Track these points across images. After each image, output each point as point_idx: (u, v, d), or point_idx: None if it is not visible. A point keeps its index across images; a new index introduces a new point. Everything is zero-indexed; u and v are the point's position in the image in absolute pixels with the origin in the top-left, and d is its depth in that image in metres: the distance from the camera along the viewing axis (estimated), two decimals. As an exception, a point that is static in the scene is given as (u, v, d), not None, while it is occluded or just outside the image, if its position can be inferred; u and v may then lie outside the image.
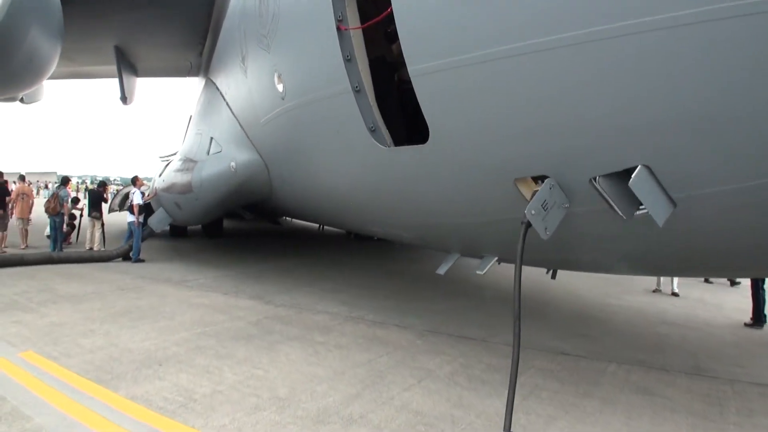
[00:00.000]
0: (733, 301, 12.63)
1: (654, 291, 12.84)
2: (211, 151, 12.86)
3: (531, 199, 5.04)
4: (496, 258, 7.11)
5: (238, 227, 25.81)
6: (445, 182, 6.23)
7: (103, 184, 17.70)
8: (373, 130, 6.45)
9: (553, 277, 9.22)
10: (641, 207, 4.57)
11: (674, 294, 12.74)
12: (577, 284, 12.88)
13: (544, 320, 9.77)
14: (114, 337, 7.42)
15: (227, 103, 12.47)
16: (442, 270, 8.03)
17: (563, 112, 4.49)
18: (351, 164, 7.71)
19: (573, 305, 11.32)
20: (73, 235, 17.86)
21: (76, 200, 18.14)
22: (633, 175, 4.21)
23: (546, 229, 4.85)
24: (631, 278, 13.80)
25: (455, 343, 8.11)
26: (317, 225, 23.11)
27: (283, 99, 8.34)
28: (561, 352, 7.90)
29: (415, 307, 10.32)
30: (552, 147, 4.79)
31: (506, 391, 5.18)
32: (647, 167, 4.22)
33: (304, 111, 7.90)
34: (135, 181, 15.70)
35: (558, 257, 6.68)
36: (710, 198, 4.26)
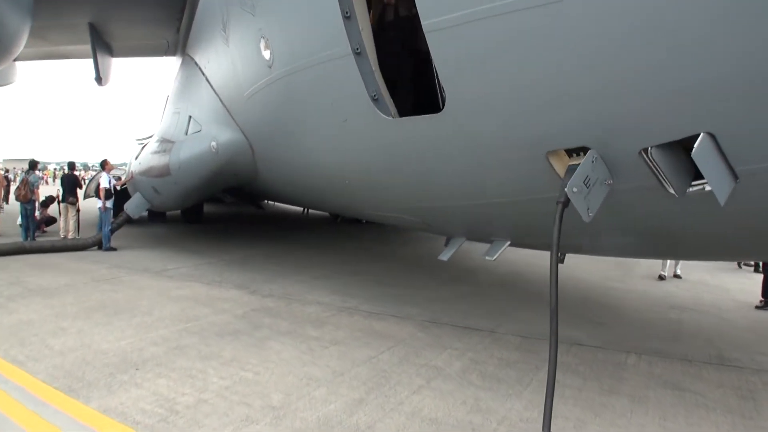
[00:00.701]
0: (735, 282, 12.25)
1: (660, 278, 12.25)
2: (190, 131, 12.02)
3: (565, 175, 4.38)
4: (508, 242, 6.48)
5: (218, 212, 24.98)
6: (462, 158, 5.51)
7: (72, 166, 16.56)
8: (375, 99, 5.73)
9: (562, 261, 8.64)
10: (695, 183, 3.94)
11: (676, 276, 12.25)
12: (574, 266, 12.28)
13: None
14: (87, 336, 6.69)
15: (207, 79, 11.62)
16: (445, 256, 7.43)
17: (611, 71, 3.80)
18: (348, 140, 6.96)
19: (576, 289, 10.78)
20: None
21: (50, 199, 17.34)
22: (696, 144, 3.54)
23: (588, 209, 4.19)
24: (632, 260, 13.31)
25: (461, 335, 7.50)
26: (301, 209, 22.34)
27: (270, 67, 7.57)
28: (575, 342, 7.35)
29: (410, 295, 9.71)
30: (596, 112, 4.11)
31: (525, 391, 5.09)
32: (711, 135, 3.56)
33: (294, 80, 7.13)
34: (104, 165, 14.75)
35: (584, 241, 6.02)
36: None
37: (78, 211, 15.20)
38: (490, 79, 4.59)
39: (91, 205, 19.13)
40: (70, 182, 15.27)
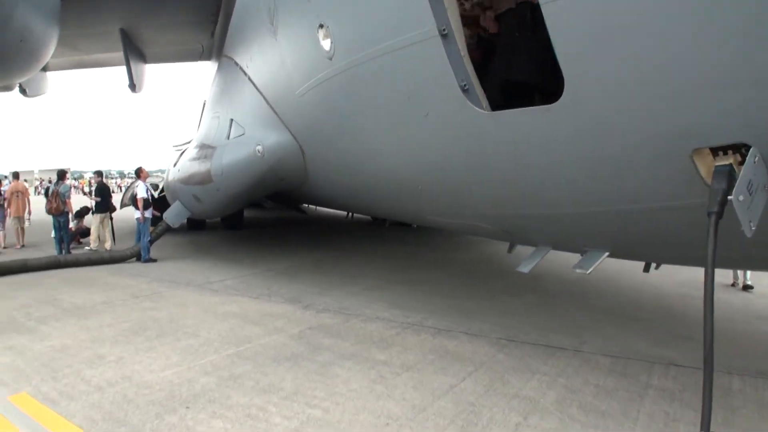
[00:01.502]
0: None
1: (732, 284, 11.05)
2: (232, 135, 11.31)
3: (713, 178, 3.48)
4: (607, 253, 5.57)
5: (258, 217, 24.38)
6: (578, 158, 4.59)
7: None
8: (465, 90, 4.85)
9: (647, 270, 7.75)
10: None
11: (747, 287, 10.90)
12: (626, 272, 11.24)
13: (631, 319, 8.34)
14: (128, 366, 5.95)
15: (250, 79, 10.88)
16: (526, 268, 6.56)
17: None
18: (427, 138, 6.08)
19: (653, 297, 9.83)
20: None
21: (85, 210, 16.82)
22: None
23: (750, 221, 3.28)
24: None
25: (544, 355, 6.60)
26: (345, 212, 21.60)
27: (330, 59, 6.73)
28: (670, 362, 6.44)
29: (475, 308, 8.84)
30: (764, 101, 3.19)
31: (636, 428, 4.51)
32: None
33: (360, 72, 6.28)
34: (139, 173, 14.19)
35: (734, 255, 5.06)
36: None
37: (111, 219, 14.62)
38: (631, 56, 3.66)
39: (126, 215, 18.73)
40: (103, 190, 14.69)
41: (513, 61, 5.30)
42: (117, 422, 4.58)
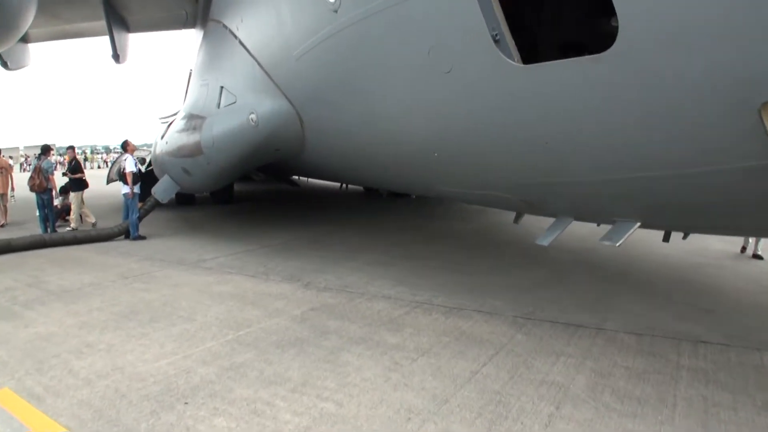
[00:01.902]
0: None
1: (742, 251, 10.68)
2: (223, 104, 10.64)
3: None
4: (638, 224, 5.11)
5: (249, 190, 23.77)
6: (630, 116, 4.06)
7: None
8: (497, 40, 4.29)
9: (666, 239, 7.39)
10: None
11: (756, 256, 10.53)
12: (631, 240, 10.89)
13: (648, 291, 7.97)
14: (119, 355, 5.46)
15: (241, 42, 10.19)
16: (545, 240, 6.13)
17: None
18: (450, 99, 5.50)
19: (667, 267, 9.44)
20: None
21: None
22: None
23: None
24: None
25: (565, 334, 6.19)
26: (339, 184, 21.01)
27: (335, 12, 6.12)
28: (697, 338, 6.06)
29: (484, 283, 8.42)
30: None
31: (675, 416, 4.22)
32: None
33: (371, 25, 5.70)
34: (126, 147, 13.33)
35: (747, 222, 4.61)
36: None
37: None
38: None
39: (111, 190, 18.09)
40: (78, 168, 13.91)
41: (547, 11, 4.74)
42: (108, 422, 4.11)
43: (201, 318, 6.63)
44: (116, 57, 16.29)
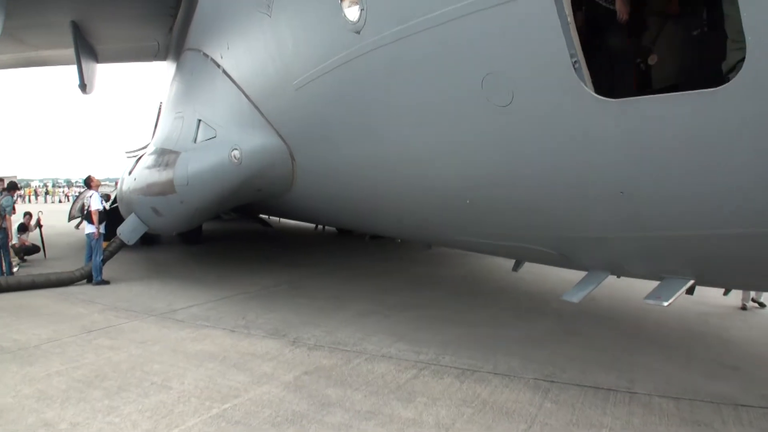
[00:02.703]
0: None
1: (742, 308, 10.11)
2: (200, 138, 9.76)
3: None
4: (692, 281, 4.43)
5: (217, 229, 22.68)
6: (739, 161, 3.36)
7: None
8: (576, 68, 3.58)
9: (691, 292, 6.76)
10: None
11: (760, 304, 9.99)
12: (622, 288, 10.33)
13: (665, 345, 7.42)
14: (82, 439, 4.47)
15: (225, 72, 9.37)
16: (575, 297, 5.40)
17: None
18: (506, 136, 4.68)
19: (668, 319, 8.80)
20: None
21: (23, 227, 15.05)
22: None
23: None
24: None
25: (597, 401, 5.50)
26: (314, 225, 20.19)
27: (357, 33, 5.33)
28: (735, 401, 5.47)
29: (491, 337, 7.71)
30: None
31: None
32: None
33: (407, 47, 4.87)
34: (89, 183, 12.24)
35: None
36: None
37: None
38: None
39: (67, 228, 16.94)
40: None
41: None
42: None
43: (178, 385, 5.67)
44: (83, 87, 15.36)
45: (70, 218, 18.83)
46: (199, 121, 9.82)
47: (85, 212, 11.53)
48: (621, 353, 7.02)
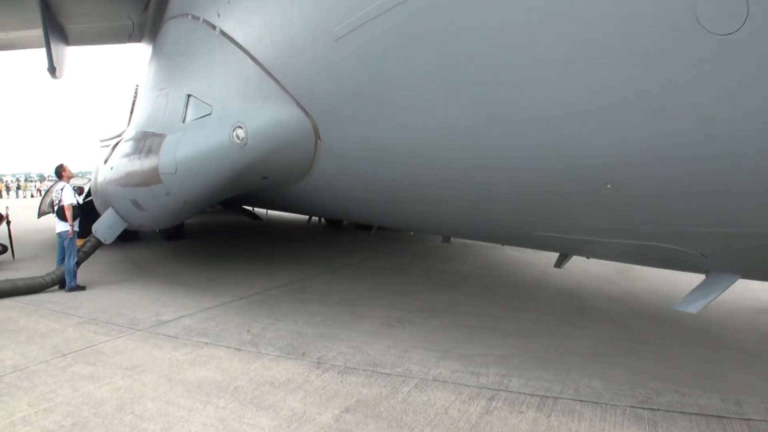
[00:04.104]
0: None
1: None
2: (190, 117, 8.18)
3: None
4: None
5: (200, 223, 21.12)
6: None
7: None
8: None
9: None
10: None
11: None
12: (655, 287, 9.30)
13: (744, 352, 6.44)
14: None
15: (224, 33, 7.65)
16: (695, 307, 4.14)
17: None
18: (666, 93, 3.23)
19: (727, 317, 7.93)
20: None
21: None
22: None
23: None
24: None
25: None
26: (308, 218, 18.77)
27: None
28: None
29: (551, 350, 6.53)
30: None
31: None
32: None
33: None
34: (60, 173, 10.45)
35: None
36: None
37: None
38: None
39: (46, 225, 15.32)
40: None
41: None
42: None
43: (183, 435, 4.28)
44: (52, 70, 13.81)
45: (40, 214, 17.14)
46: (189, 96, 8.22)
47: (56, 207, 9.91)
48: (706, 366, 5.92)
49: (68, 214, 9.63)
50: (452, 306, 8.52)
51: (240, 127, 6.92)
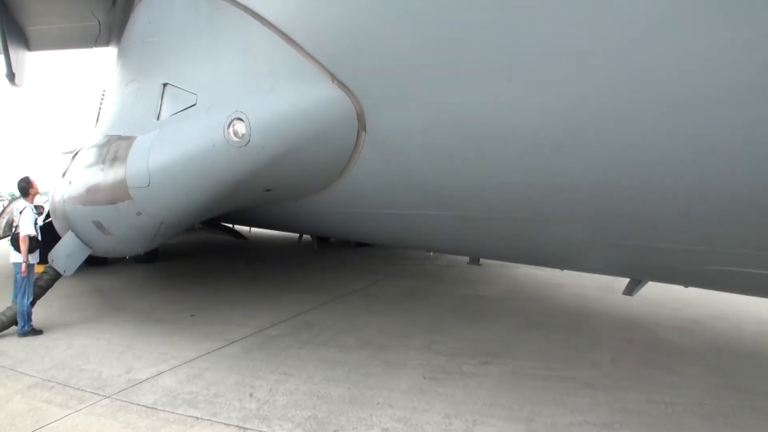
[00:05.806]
0: None
1: None
2: (167, 111, 6.25)
3: None
4: None
5: (175, 242, 19.03)
6: None
7: None
8: None
9: None
10: None
11: None
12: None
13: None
14: None
15: (244, 5, 5.64)
16: None
17: None
18: None
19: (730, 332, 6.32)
20: None
21: None
22: None
23: None
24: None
25: None
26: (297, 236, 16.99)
27: None
28: None
29: (656, 409, 5.00)
30: None
31: None
32: None
33: None
34: (27, 189, 8.26)
35: None
36: None
37: None
38: None
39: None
40: None
41: None
42: None
43: None
44: (11, 77, 12.50)
45: (-2, 237, 15.03)
46: (165, 85, 6.26)
47: (12, 233, 7.92)
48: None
49: (23, 247, 7.67)
50: (501, 346, 6.87)
51: (239, 119, 5.02)
